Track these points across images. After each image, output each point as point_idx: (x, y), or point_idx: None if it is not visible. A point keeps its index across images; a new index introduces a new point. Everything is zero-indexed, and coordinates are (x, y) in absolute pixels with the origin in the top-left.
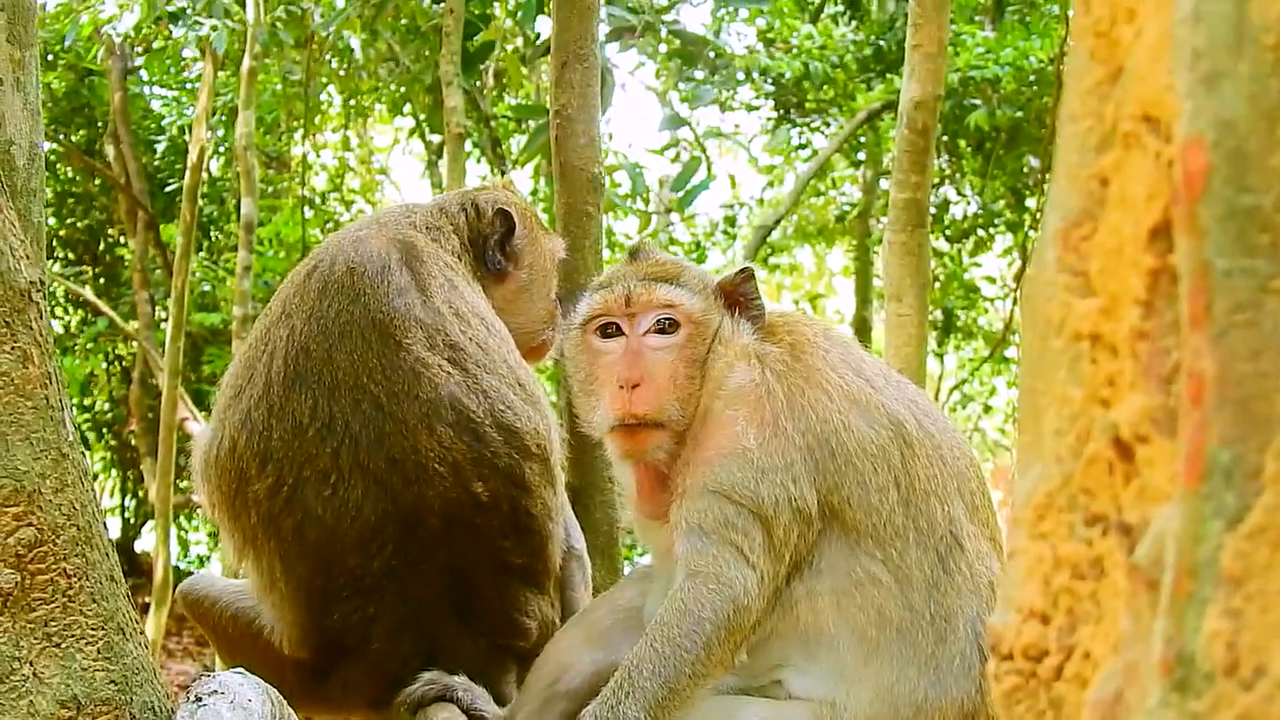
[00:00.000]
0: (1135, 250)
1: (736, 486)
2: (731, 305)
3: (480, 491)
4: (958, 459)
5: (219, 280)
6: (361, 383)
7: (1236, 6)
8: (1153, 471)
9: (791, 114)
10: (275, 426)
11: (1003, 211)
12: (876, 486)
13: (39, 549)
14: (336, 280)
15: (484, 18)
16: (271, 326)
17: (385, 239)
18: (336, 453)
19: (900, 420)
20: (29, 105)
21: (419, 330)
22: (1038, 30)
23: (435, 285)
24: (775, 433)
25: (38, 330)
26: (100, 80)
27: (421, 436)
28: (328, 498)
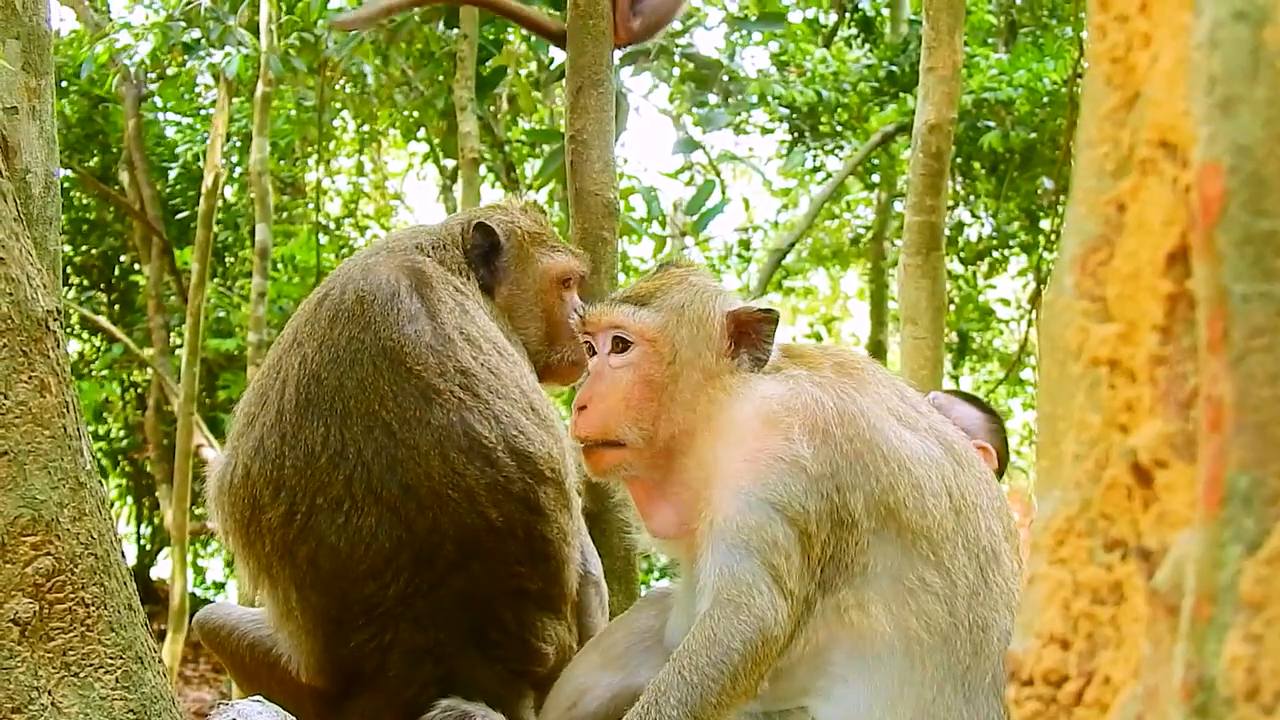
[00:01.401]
0: (1153, 276)
1: (792, 500)
2: (739, 336)
3: (495, 517)
4: (994, 488)
5: (234, 306)
6: (373, 410)
7: (1253, 32)
8: (1172, 497)
9: (805, 137)
10: (288, 454)
11: (1017, 233)
12: (931, 491)
13: (57, 578)
14: (347, 309)
15: (497, 43)
16: (284, 354)
17: (394, 265)
18: (349, 480)
19: (950, 438)
20: (44, 133)
21: (430, 357)
22: (1051, 52)
23: (445, 310)
24: (825, 440)
25: (55, 359)
26: (114, 107)
27: (434, 463)
28: (341, 525)
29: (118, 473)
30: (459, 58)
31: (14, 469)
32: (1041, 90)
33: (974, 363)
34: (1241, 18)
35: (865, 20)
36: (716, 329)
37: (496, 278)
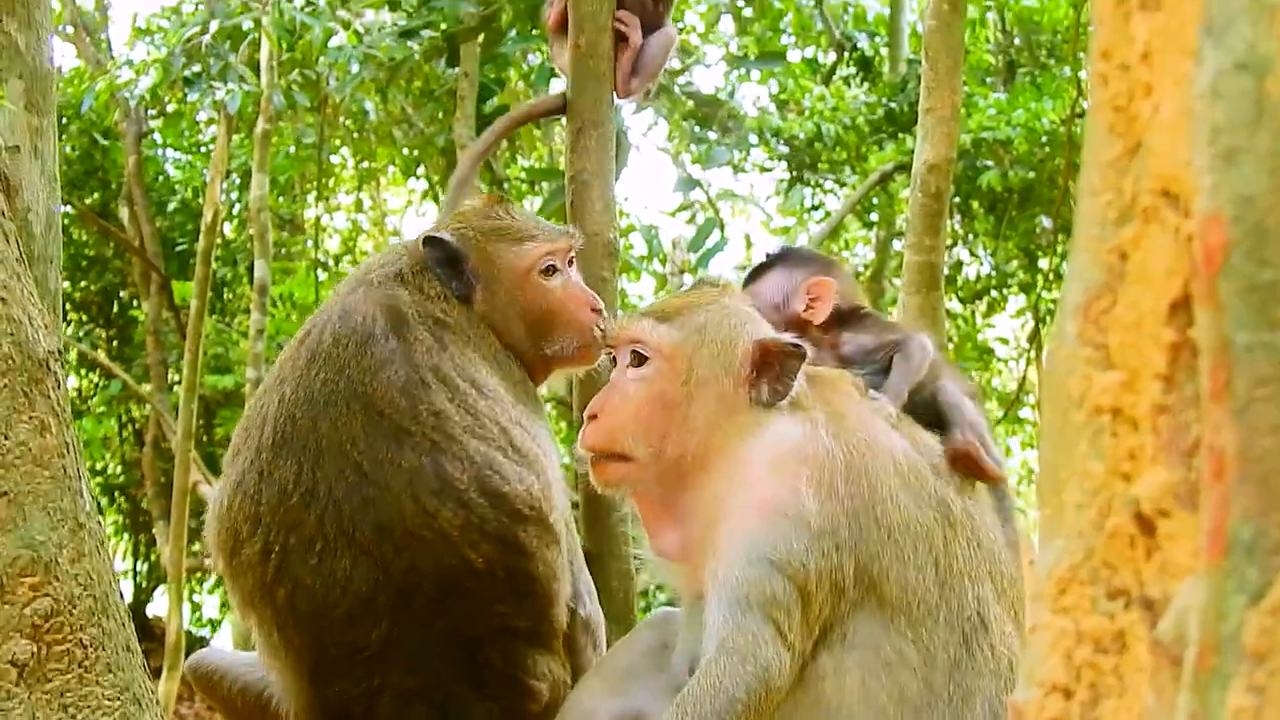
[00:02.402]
0: (1155, 324)
1: (792, 559)
2: (763, 366)
3: (473, 558)
4: (992, 540)
5: (232, 343)
6: (345, 450)
7: (1255, 83)
8: (1175, 546)
9: (804, 175)
10: (264, 491)
11: (1016, 272)
12: (916, 565)
13: (56, 619)
14: (323, 351)
15: (498, 81)
16: (266, 391)
17: (373, 303)
18: (321, 520)
19: (948, 502)
20: (46, 172)
21: (402, 400)
22: (1049, 92)
23: (421, 351)
24: (830, 495)
25: (55, 400)
26: (114, 144)
27: (406, 504)
28: (315, 566)
29: (115, 509)
30: (459, 96)
31: (13, 510)
32: (1040, 130)
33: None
34: (1244, 68)
35: (864, 60)
36: (739, 355)
37: (469, 286)
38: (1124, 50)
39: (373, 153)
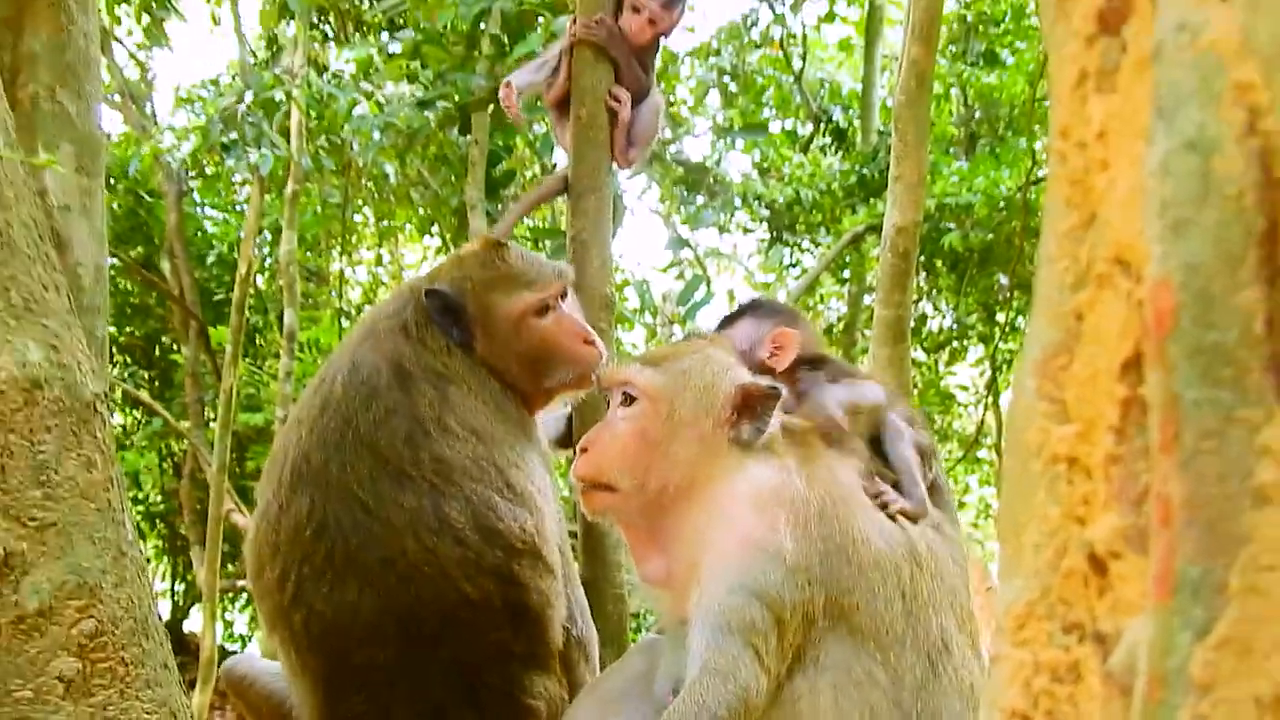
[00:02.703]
0: (1109, 381)
1: (769, 589)
2: (745, 409)
3: (470, 591)
4: (954, 574)
5: (263, 384)
6: (352, 490)
7: (1203, 161)
8: (1126, 585)
9: (784, 236)
10: (283, 522)
11: (975, 325)
12: (885, 597)
13: (100, 639)
14: (335, 399)
15: (506, 148)
16: (288, 430)
17: (379, 357)
18: (331, 552)
19: (914, 541)
20: (94, 230)
21: (405, 449)
22: (1007, 162)
23: (423, 404)
24: (805, 534)
25: (101, 439)
26: (158, 202)
27: (408, 541)
28: (326, 594)
29: (155, 534)
30: (470, 161)
31: (62, 539)
32: (998, 196)
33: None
34: (1192, 148)
35: (838, 130)
36: (720, 397)
37: (470, 334)
38: (1081, 129)
39: (392, 212)
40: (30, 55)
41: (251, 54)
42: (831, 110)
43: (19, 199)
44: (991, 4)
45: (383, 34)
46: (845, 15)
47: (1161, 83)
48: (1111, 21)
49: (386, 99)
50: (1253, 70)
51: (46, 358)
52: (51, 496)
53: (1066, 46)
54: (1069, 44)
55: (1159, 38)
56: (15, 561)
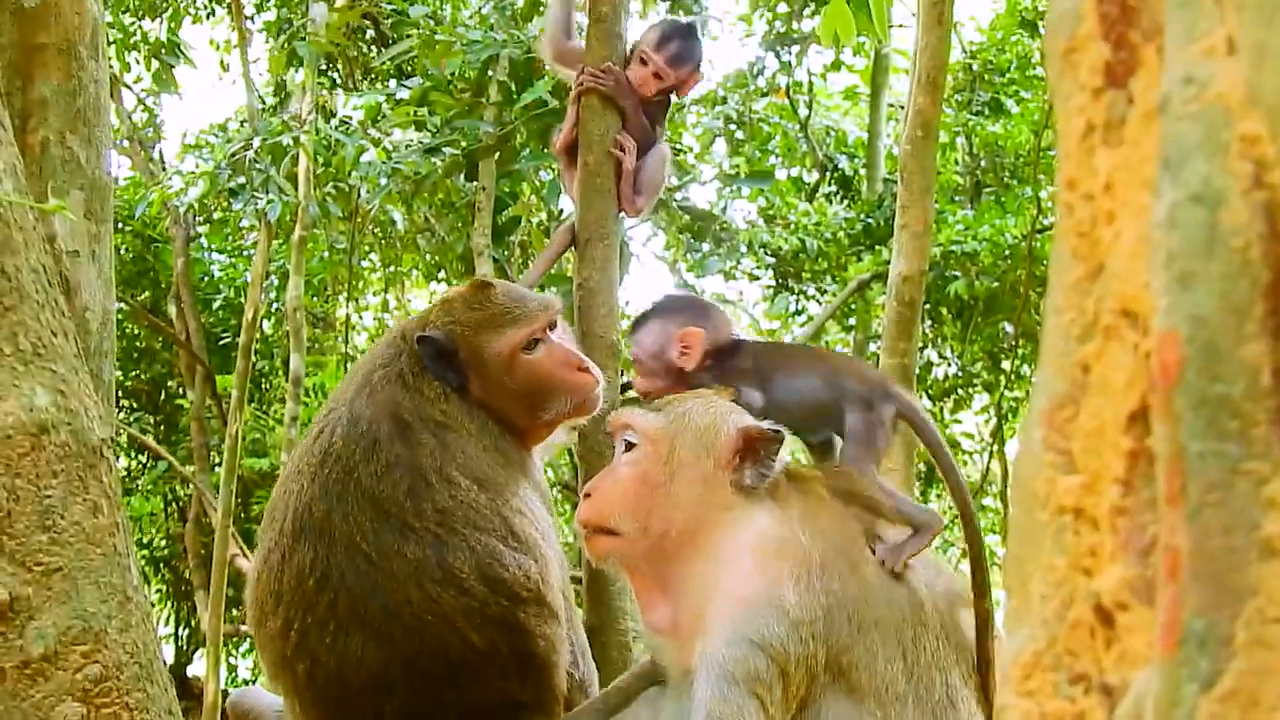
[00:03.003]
0: (1115, 433)
1: (773, 641)
2: (747, 452)
3: (476, 640)
4: (960, 632)
5: (269, 429)
6: (355, 541)
7: (1209, 214)
8: (1132, 637)
9: (789, 283)
10: (285, 572)
11: (980, 373)
12: (885, 657)
13: (104, 684)
14: (335, 451)
15: (513, 195)
16: (288, 480)
17: (377, 408)
18: (334, 603)
19: (920, 601)
20: (103, 275)
21: (407, 501)
22: (1012, 210)
23: (424, 455)
24: (808, 589)
25: (107, 484)
26: (165, 247)
27: (412, 591)
28: (329, 644)
29: (159, 578)
30: (477, 207)
31: (67, 584)
32: (1003, 244)
33: (940, 490)
34: (1198, 200)
35: (844, 179)
36: (721, 439)
37: (464, 377)
38: (1088, 181)
39: (398, 258)
40: (40, 101)
41: (260, 100)
42: (837, 158)
43: (28, 244)
44: (997, 54)
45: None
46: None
47: (1168, 135)
48: (1118, 74)
49: (394, 145)
50: (1258, 123)
51: (54, 402)
52: (57, 541)
53: (1073, 99)
54: (1076, 96)
55: (1165, 91)
56: (21, 606)
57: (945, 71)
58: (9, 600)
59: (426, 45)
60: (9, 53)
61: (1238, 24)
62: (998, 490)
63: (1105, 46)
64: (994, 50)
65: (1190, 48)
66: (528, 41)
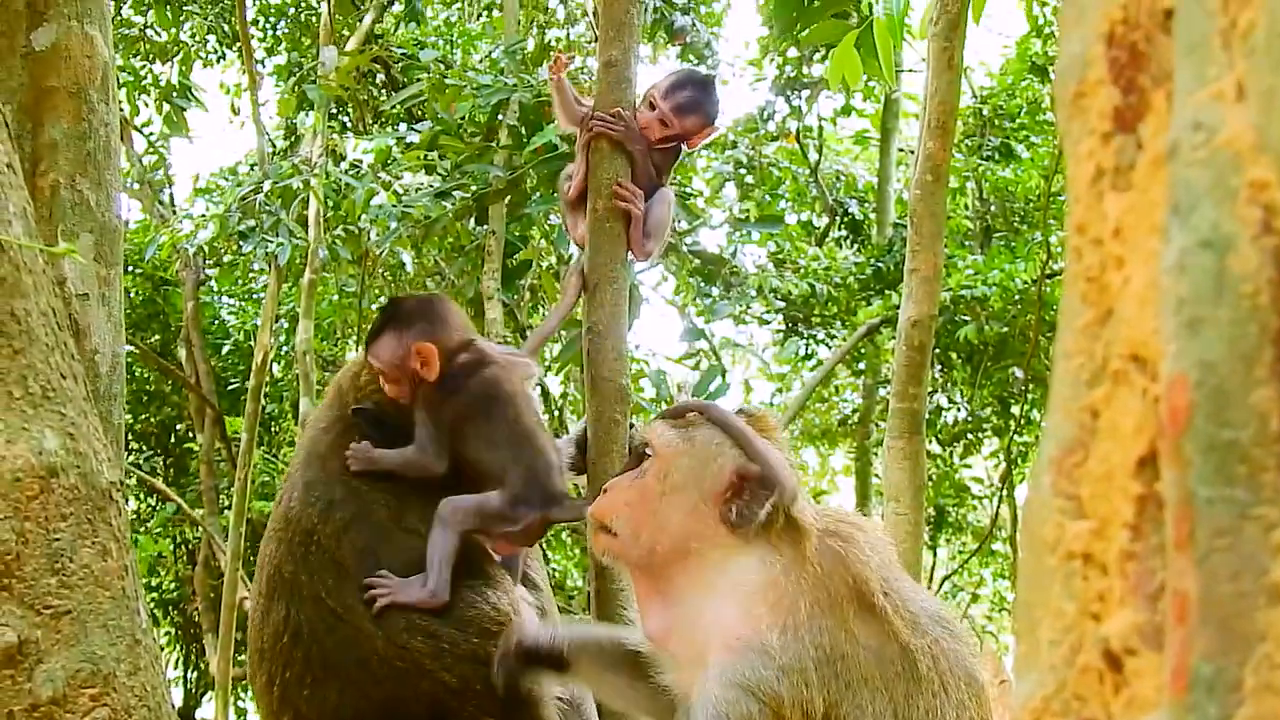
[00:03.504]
0: (1124, 478)
1: (761, 684)
2: (739, 489)
3: (449, 680)
4: (960, 688)
5: (278, 472)
6: (320, 598)
7: (1217, 259)
8: (1141, 682)
9: (799, 327)
10: (265, 629)
11: (990, 418)
12: (874, 713)
13: None
14: (294, 516)
15: (522, 239)
16: (265, 541)
17: (327, 474)
18: (308, 657)
19: (915, 660)
20: (112, 318)
21: (366, 558)
22: (1022, 255)
23: (379, 509)
24: (795, 638)
25: (116, 527)
26: (175, 290)
27: (378, 642)
28: (308, 696)
29: (168, 621)
30: (487, 251)
31: (76, 626)
32: (1013, 289)
33: (949, 535)
34: (1208, 246)
35: (854, 223)
36: (714, 472)
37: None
38: (1097, 226)
39: None
40: (51, 144)
41: (270, 143)
42: (847, 203)
43: (38, 288)
44: (1007, 99)
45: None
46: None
47: (1176, 181)
48: (1128, 119)
49: (404, 189)
50: (1268, 169)
51: (63, 445)
52: (66, 584)
53: (1083, 144)
54: (1085, 141)
55: (1174, 136)
56: (29, 649)
57: (955, 116)
58: (18, 643)
59: (436, 89)
60: (19, 96)
61: (1247, 69)
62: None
63: (1115, 91)
64: (1004, 95)
65: (1199, 93)
66: (538, 86)
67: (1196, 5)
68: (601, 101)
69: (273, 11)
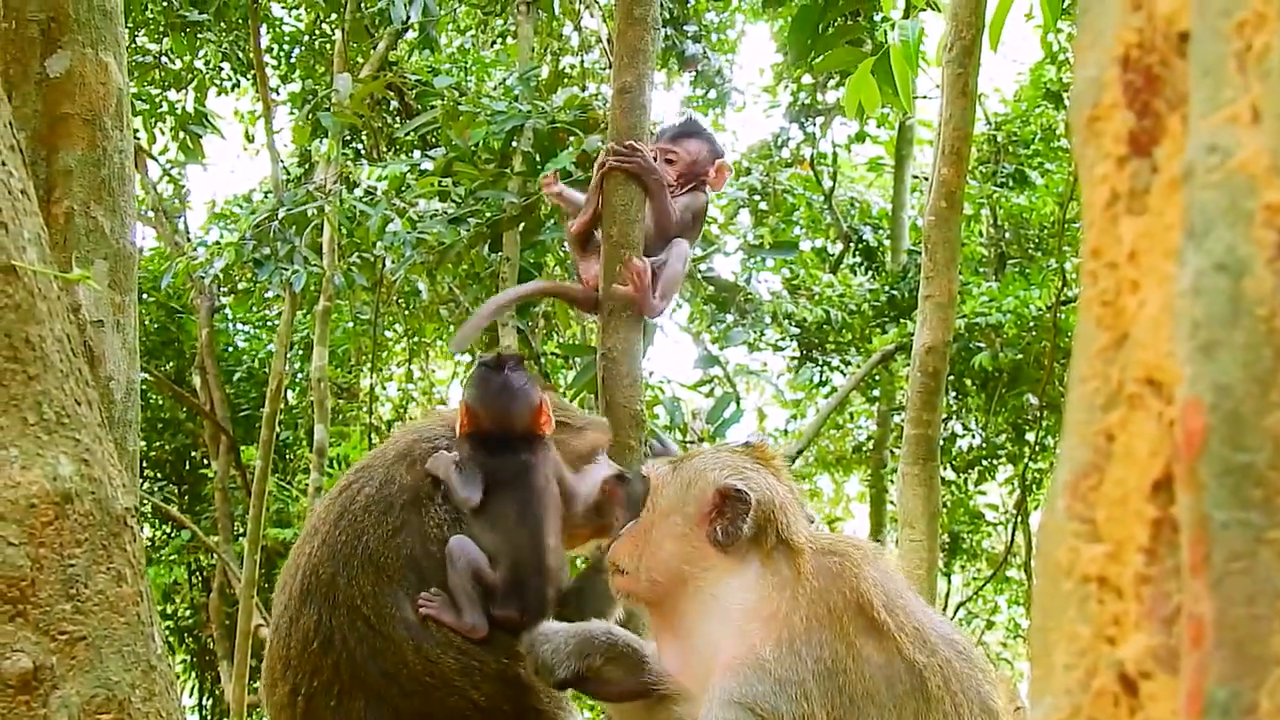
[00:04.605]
0: (1139, 501)
1: (759, 700)
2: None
3: (477, 697)
4: (974, 712)
5: (292, 499)
6: (355, 605)
7: (1233, 282)
8: (1156, 706)
9: (813, 355)
10: (293, 636)
11: (1005, 445)
12: None
13: None
14: (352, 511)
15: (536, 265)
16: (304, 541)
17: (413, 476)
18: (337, 666)
19: (924, 678)
20: (127, 344)
21: (409, 568)
22: (1036, 282)
23: (433, 524)
24: (790, 651)
25: (131, 553)
26: (189, 317)
27: (409, 654)
28: (334, 708)
29: (183, 649)
30: (501, 278)
31: (91, 652)
32: (1028, 316)
33: (964, 561)
34: (1222, 269)
35: (868, 250)
36: (697, 494)
37: None
38: (1112, 250)
39: (422, 328)
40: (65, 171)
41: (285, 171)
42: (861, 230)
43: (52, 314)
44: (1021, 125)
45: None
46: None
47: (1191, 204)
48: (1143, 143)
49: (419, 215)
50: None
51: (78, 471)
52: (81, 610)
53: (1098, 167)
54: (1100, 165)
55: (1190, 159)
56: (45, 675)
57: (970, 142)
58: (33, 669)
59: (451, 116)
60: (34, 123)
61: (1262, 92)
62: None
63: (1130, 115)
64: (1018, 122)
65: (1214, 116)
66: (552, 112)
67: (1212, 29)
68: (616, 127)
69: (287, 39)
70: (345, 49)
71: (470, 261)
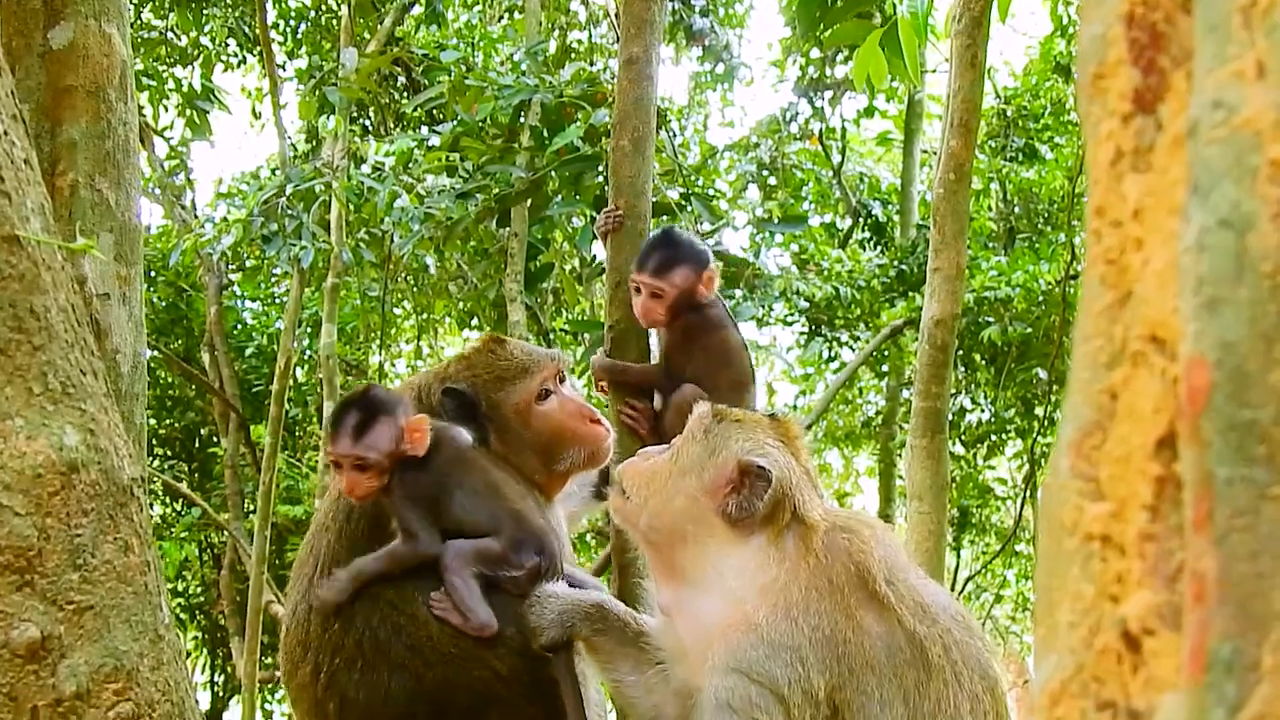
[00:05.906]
0: (1143, 459)
1: (754, 665)
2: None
3: (499, 668)
4: (974, 680)
5: (302, 476)
6: (376, 590)
7: (1237, 238)
8: (1159, 662)
9: (822, 330)
10: (312, 620)
11: (1014, 419)
12: (881, 699)
13: None
14: (361, 508)
15: (544, 241)
16: (316, 534)
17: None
18: (359, 643)
19: (924, 648)
20: (133, 317)
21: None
22: (1045, 255)
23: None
24: (785, 617)
25: (138, 523)
26: (198, 295)
27: (433, 628)
28: (358, 681)
29: (195, 626)
30: (509, 254)
31: (99, 622)
32: (1037, 290)
33: (973, 535)
34: (1227, 225)
35: (877, 224)
36: (716, 464)
37: (484, 430)
38: (1117, 208)
39: (431, 305)
40: (69, 143)
41: (292, 147)
42: (870, 204)
43: (57, 284)
44: (1030, 99)
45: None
46: (884, 110)
47: (1196, 161)
48: (1147, 100)
49: (426, 191)
50: None
51: (84, 441)
52: (88, 580)
53: (1103, 125)
54: (1105, 123)
55: (1194, 116)
56: (52, 644)
57: (978, 115)
58: (41, 638)
59: (458, 91)
60: (37, 95)
61: (1267, 48)
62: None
63: (1134, 72)
64: (1028, 96)
65: (1219, 72)
66: (559, 87)
67: None
68: (624, 98)
69: (293, 14)
70: (351, 24)
71: (478, 237)
